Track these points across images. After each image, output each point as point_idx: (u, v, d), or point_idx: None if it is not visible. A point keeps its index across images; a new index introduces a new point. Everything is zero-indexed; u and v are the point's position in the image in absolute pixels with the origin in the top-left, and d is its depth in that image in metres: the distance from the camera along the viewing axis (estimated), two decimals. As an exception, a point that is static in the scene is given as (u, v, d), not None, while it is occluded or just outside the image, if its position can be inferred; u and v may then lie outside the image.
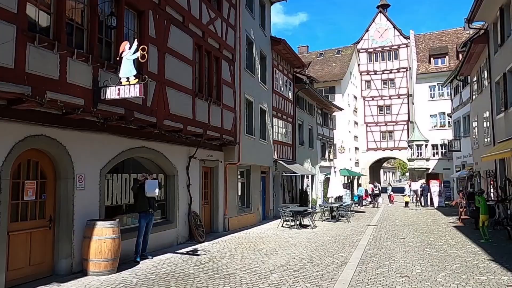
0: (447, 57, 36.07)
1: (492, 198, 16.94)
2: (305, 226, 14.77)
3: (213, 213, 12.97)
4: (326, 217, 17.69)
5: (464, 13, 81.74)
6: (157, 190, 8.55)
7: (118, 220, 7.48)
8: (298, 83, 22.01)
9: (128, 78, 6.83)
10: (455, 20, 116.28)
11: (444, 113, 35.14)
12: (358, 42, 42.10)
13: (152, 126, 8.78)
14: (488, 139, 18.36)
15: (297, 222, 14.57)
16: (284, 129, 20.19)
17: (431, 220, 17.08)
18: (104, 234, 7.04)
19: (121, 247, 7.84)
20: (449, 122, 34.22)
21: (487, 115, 18.40)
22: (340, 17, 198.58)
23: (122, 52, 7.02)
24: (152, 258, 8.63)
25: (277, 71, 19.32)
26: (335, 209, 17.63)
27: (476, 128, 21.37)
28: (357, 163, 38.71)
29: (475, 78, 21.24)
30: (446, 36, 39.12)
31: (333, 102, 31.10)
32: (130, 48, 6.94)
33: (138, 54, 6.84)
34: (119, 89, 6.81)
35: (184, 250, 9.76)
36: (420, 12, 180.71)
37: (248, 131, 15.17)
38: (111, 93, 6.85)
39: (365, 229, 14.50)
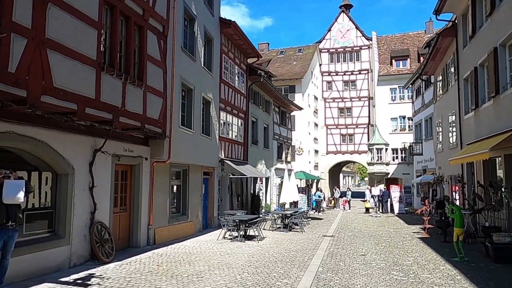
0: (408, 59, 35.34)
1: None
2: (251, 238, 12.46)
3: (132, 223, 10.34)
4: (278, 226, 15.48)
5: (425, 17, 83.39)
6: (21, 195, 5.88)
7: None
8: (252, 75, 19.78)
9: None
10: (416, 25, 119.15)
11: (404, 117, 34.32)
12: (320, 42, 40.72)
13: (18, 102, 6.11)
14: (454, 141, 16.96)
15: (241, 233, 12.23)
16: (234, 125, 17.86)
17: (394, 230, 15.31)
18: None
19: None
20: (409, 126, 33.39)
21: (454, 116, 17.01)
22: (304, 24, 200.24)
23: None
24: (10, 294, 5.94)
25: (227, 59, 16.96)
26: (288, 216, 15.49)
27: (440, 130, 20.07)
28: (316, 167, 37.09)
29: (440, 78, 19.96)
30: (407, 38, 38.55)
31: (292, 101, 29.15)
32: None
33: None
34: None
35: (72, 277, 7.11)
36: (383, 19, 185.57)
37: (186, 123, 12.67)
38: None
39: (320, 241, 12.40)
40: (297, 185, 22.47)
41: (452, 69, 17.09)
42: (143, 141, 10.60)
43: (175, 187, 12.79)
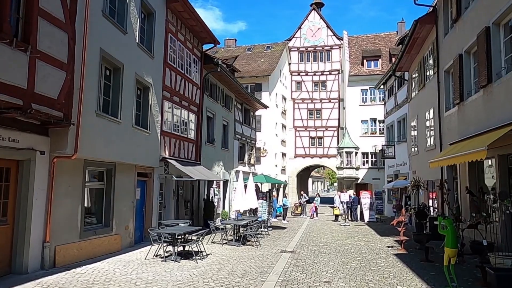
0: (380, 60, 33.96)
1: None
2: (192, 255, 9.87)
3: (17, 241, 7.56)
4: (231, 238, 12.98)
5: (397, 18, 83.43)
6: None
7: None
8: (208, 63, 17.29)
9: None
10: (388, 26, 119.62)
11: (375, 120, 32.80)
12: (290, 40, 38.78)
13: None
14: (432, 142, 15.10)
15: (176, 250, 9.65)
16: (184, 119, 15.28)
17: (365, 243, 13.15)
18: None
19: None
20: (380, 129, 31.90)
21: (432, 113, 15.16)
22: (278, 29, 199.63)
23: None
24: None
25: (175, 40, 14.40)
26: (244, 226, 13.08)
27: (415, 131, 18.26)
28: (283, 170, 34.94)
29: (415, 74, 18.18)
30: (379, 39, 37.26)
31: (257, 99, 26.81)
32: None
33: None
34: None
35: None
36: (352, 28, 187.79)
37: (110, 109, 10.02)
38: None
39: (276, 259, 10.02)
40: (257, 189, 20.14)
41: (431, 62, 15.28)
42: (37, 128, 7.86)
43: (94, 191, 10.09)
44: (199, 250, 10.35)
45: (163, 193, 13.82)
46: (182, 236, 9.84)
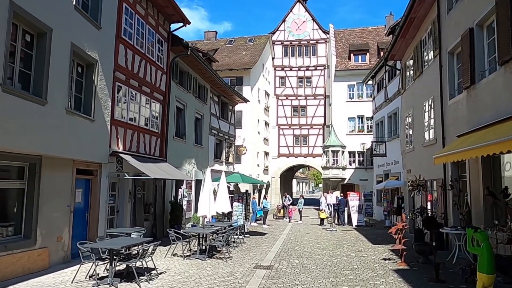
0: (368, 54, 32.19)
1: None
2: (138, 275, 7.60)
3: None
4: (196, 249, 10.75)
5: (386, 11, 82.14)
6: None
7: None
8: (176, 45, 15.03)
9: None
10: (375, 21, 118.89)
11: (363, 117, 31.01)
12: (273, 33, 36.73)
13: None
14: (432, 135, 13.16)
15: (114, 270, 7.38)
16: (144, 108, 13.00)
17: (356, 254, 11.08)
18: None
19: None
20: (368, 126, 30.11)
21: (431, 104, 13.25)
22: (263, 30, 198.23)
23: None
24: None
25: (133, 14, 12.12)
26: (209, 236, 10.89)
27: (410, 126, 16.34)
28: (266, 170, 32.83)
29: (410, 61, 16.28)
30: (367, 33, 35.54)
31: (236, 91, 24.59)
32: None
33: None
34: None
35: None
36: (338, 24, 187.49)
37: (31, 87, 7.67)
38: None
39: (247, 279, 7.86)
40: (232, 191, 18.03)
41: (430, 44, 13.37)
42: None
43: (8, 192, 7.75)
44: (148, 268, 8.11)
45: (116, 195, 11.51)
46: (123, 251, 7.57)
